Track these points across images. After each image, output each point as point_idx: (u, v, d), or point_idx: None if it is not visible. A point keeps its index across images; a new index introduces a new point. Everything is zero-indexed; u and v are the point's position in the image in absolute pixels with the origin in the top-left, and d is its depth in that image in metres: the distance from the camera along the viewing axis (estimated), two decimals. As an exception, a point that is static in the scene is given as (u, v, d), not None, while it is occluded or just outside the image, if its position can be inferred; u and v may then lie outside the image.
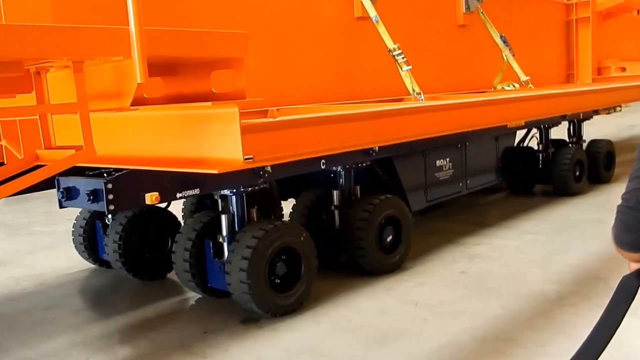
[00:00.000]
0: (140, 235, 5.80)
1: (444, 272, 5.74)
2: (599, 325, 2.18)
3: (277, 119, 4.36)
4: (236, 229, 4.98)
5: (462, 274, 5.65)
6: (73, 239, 6.36)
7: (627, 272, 2.16)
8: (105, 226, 6.05)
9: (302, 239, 5.02)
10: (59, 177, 4.30)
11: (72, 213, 6.37)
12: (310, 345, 4.30)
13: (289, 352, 4.20)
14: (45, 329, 4.88)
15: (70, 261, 6.75)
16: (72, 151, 3.51)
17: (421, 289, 5.30)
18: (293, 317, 4.81)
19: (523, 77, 8.31)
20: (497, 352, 3.99)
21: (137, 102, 3.91)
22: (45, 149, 3.94)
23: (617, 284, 2.14)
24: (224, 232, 4.99)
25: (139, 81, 3.41)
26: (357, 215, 5.61)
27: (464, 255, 6.22)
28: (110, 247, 5.77)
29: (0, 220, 9.29)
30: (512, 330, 4.33)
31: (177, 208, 6.37)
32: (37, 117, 3.91)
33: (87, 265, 6.53)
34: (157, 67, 3.91)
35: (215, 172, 3.84)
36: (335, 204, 5.90)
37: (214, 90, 4.23)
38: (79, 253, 6.40)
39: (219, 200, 5.24)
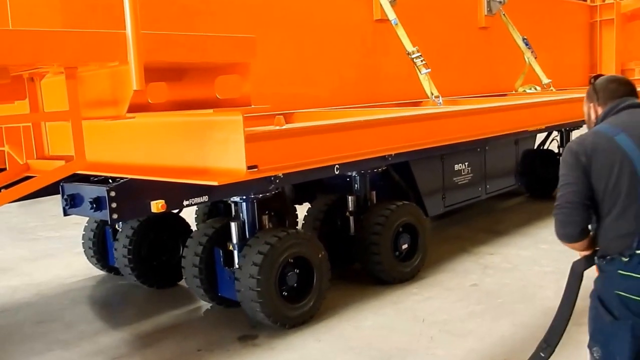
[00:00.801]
0: (151, 241, 5.64)
1: (455, 284, 5.49)
2: (560, 305, 2.78)
3: (283, 127, 4.18)
4: (246, 236, 4.84)
5: (474, 287, 5.40)
6: (83, 243, 6.23)
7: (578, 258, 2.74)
8: (116, 232, 5.92)
9: (317, 251, 4.86)
10: (64, 184, 4.17)
11: (81, 218, 6.27)
12: None
13: None
14: (34, 345, 4.68)
15: (69, 269, 6.63)
16: (62, 162, 3.38)
17: (429, 304, 5.06)
18: (292, 334, 4.59)
19: (545, 80, 8.06)
20: None
21: (141, 107, 3.76)
22: (37, 158, 3.81)
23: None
24: (234, 240, 4.84)
25: (135, 88, 3.26)
26: (373, 221, 5.43)
27: (477, 266, 5.96)
28: (120, 253, 5.62)
29: (8, 224, 9.22)
30: (524, 353, 4.01)
31: (189, 212, 6.20)
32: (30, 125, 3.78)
33: (86, 274, 6.38)
34: (160, 72, 3.76)
35: (216, 183, 3.67)
36: (350, 209, 5.73)
37: (218, 96, 4.07)
38: (88, 259, 6.26)
39: (232, 206, 5.09)
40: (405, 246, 5.63)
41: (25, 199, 3.62)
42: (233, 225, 4.85)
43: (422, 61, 6.29)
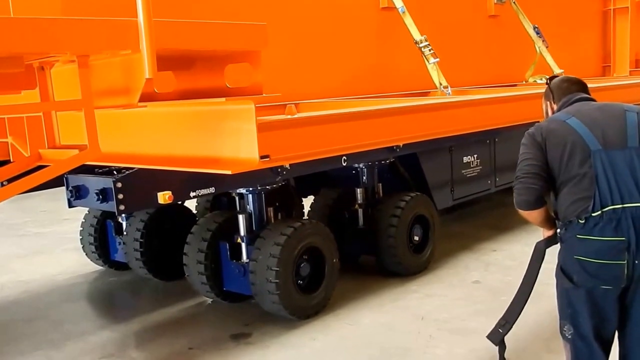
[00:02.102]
0: (162, 234, 5.55)
1: (457, 282, 5.40)
2: (522, 281, 2.98)
3: (295, 116, 4.13)
4: (254, 228, 4.79)
5: (476, 284, 5.31)
6: (81, 238, 6.09)
7: (541, 238, 2.95)
8: (119, 226, 5.85)
9: (328, 242, 4.85)
10: (68, 175, 4.11)
11: (72, 213, 6.15)
12: None
13: None
14: (21, 346, 4.57)
15: (59, 266, 6.52)
16: (76, 151, 3.32)
17: (430, 302, 4.96)
18: (287, 332, 4.49)
19: (557, 70, 7.94)
20: None
21: (148, 97, 3.71)
22: (49, 148, 3.76)
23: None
24: (242, 233, 4.78)
25: (147, 76, 3.20)
26: (389, 213, 5.40)
27: (480, 263, 5.87)
28: (130, 247, 5.53)
29: (-3, 220, 9.09)
30: (527, 353, 3.96)
31: (190, 205, 6.14)
32: (41, 114, 3.72)
33: (75, 271, 6.28)
34: (168, 61, 3.70)
35: (229, 172, 3.62)
36: (359, 202, 5.68)
37: (228, 85, 4.01)
38: (87, 254, 6.12)
39: (237, 199, 5.03)
40: (417, 238, 5.62)
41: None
42: (240, 218, 4.80)
43: (430, 50, 6.20)
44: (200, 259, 4.79)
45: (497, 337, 2.96)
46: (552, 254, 2.90)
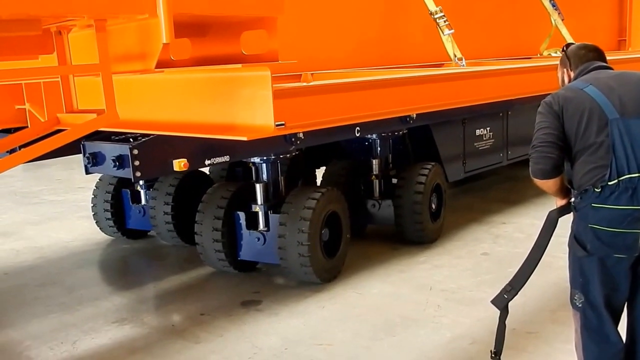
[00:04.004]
0: (189, 200, 5.54)
1: (465, 253, 5.43)
2: (532, 249, 2.93)
3: (311, 84, 4.12)
4: (270, 197, 4.83)
5: (484, 256, 5.34)
6: (94, 206, 6.10)
7: (554, 207, 2.93)
8: (135, 194, 5.90)
9: (344, 208, 5.03)
10: (85, 142, 4.14)
11: (85, 182, 6.21)
12: (312, 333, 4.02)
13: (287, 341, 3.93)
14: (35, 309, 4.67)
15: (72, 233, 6.62)
16: (94, 115, 3.34)
17: (438, 272, 5.00)
18: (296, 300, 4.55)
19: (565, 44, 7.88)
20: (515, 347, 3.61)
21: (163, 64, 3.71)
22: (66, 112, 3.77)
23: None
24: (260, 201, 4.81)
25: (164, 41, 3.21)
26: (413, 183, 5.49)
27: (488, 236, 5.89)
28: (159, 215, 5.59)
29: (12, 188, 9.21)
30: (534, 323, 3.99)
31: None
32: (59, 79, 3.73)
33: (88, 238, 6.36)
34: (184, 27, 3.69)
35: (245, 139, 3.63)
36: (375, 173, 5.73)
37: (244, 52, 4.00)
38: (101, 223, 6.14)
39: (253, 168, 5.05)
40: (434, 206, 5.75)
41: (32, 161, 3.58)
42: (258, 187, 4.84)
43: (445, 22, 6.15)
44: (217, 228, 4.83)
45: (502, 302, 2.97)
46: (562, 226, 2.90)
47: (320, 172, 6.28)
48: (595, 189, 2.62)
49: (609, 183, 2.59)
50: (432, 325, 4.06)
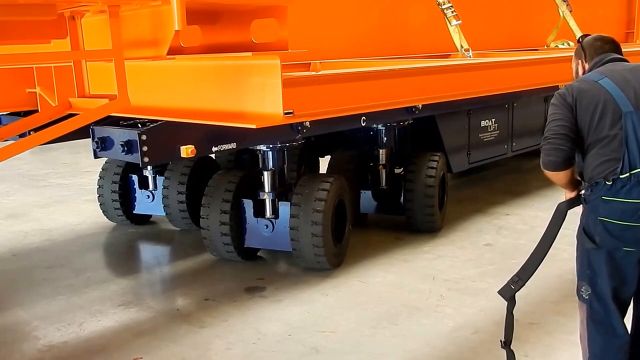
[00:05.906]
0: (201, 186, 5.54)
1: (468, 244, 5.47)
2: (541, 239, 2.92)
3: (319, 73, 4.15)
4: (276, 185, 4.89)
5: (487, 247, 5.39)
6: (101, 191, 6.11)
7: (563, 199, 2.93)
8: (142, 179, 5.95)
9: (349, 196, 5.13)
10: (94, 127, 4.18)
11: (92, 166, 6.26)
12: (315, 320, 4.08)
13: (291, 327, 3.98)
14: (44, 289, 4.74)
15: (80, 216, 6.69)
16: (106, 100, 3.38)
17: (441, 262, 5.05)
18: (300, 287, 4.60)
19: (579, 35, 7.86)
20: (517, 338, 3.49)
21: (174, 51, 3.73)
22: (78, 97, 3.81)
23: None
24: (267, 189, 4.86)
25: (176, 28, 3.22)
26: (424, 173, 5.56)
27: (492, 227, 5.93)
28: (172, 200, 5.68)
29: (20, 171, 9.28)
30: (536, 314, 4.04)
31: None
32: (72, 63, 3.76)
33: (95, 221, 6.42)
34: (195, 15, 3.70)
35: (254, 126, 3.67)
36: (382, 162, 5.79)
37: (254, 40, 4.03)
38: (106, 207, 6.15)
39: (260, 156, 5.09)
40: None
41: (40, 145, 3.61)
42: (266, 175, 4.87)
43: (452, 12, 6.16)
44: (224, 215, 4.87)
45: (509, 293, 2.99)
46: (569, 220, 2.91)
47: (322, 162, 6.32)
48: (607, 182, 2.63)
49: (621, 176, 2.59)
50: (435, 314, 4.11)
